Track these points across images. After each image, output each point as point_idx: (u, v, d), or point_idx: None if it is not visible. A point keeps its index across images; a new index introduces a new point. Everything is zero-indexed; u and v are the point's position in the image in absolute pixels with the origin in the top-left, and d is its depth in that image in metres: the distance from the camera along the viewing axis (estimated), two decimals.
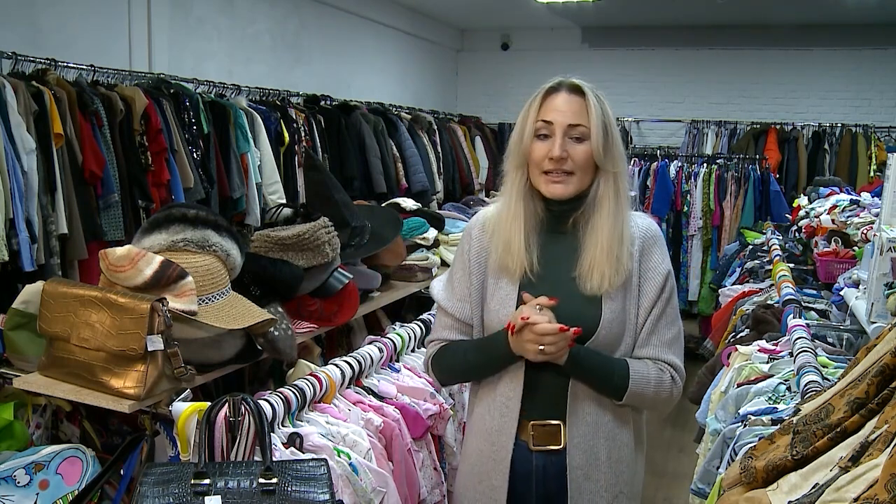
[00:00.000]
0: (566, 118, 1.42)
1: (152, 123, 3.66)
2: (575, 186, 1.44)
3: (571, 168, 1.42)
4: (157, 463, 1.60)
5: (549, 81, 1.47)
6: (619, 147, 1.46)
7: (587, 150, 1.42)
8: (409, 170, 5.94)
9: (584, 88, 1.43)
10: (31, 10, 3.82)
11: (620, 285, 1.45)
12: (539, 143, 1.44)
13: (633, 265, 1.47)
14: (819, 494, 0.88)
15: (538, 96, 1.46)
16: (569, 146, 1.42)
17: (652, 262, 1.48)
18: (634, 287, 1.47)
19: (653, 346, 1.48)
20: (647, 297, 1.47)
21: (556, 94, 1.44)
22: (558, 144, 1.41)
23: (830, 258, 3.00)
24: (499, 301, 1.50)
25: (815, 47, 7.76)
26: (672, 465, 3.90)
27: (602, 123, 1.42)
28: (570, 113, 1.42)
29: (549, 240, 1.50)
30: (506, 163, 1.51)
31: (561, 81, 1.45)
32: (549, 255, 1.49)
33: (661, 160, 6.11)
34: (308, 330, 2.16)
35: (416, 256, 2.86)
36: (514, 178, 1.50)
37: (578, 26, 8.48)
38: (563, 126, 1.42)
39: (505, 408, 1.50)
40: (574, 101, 1.42)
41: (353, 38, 6.84)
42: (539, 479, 1.49)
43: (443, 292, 1.62)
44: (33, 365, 1.80)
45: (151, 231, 1.77)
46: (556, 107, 1.43)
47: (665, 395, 1.48)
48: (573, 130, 1.42)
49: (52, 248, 3.18)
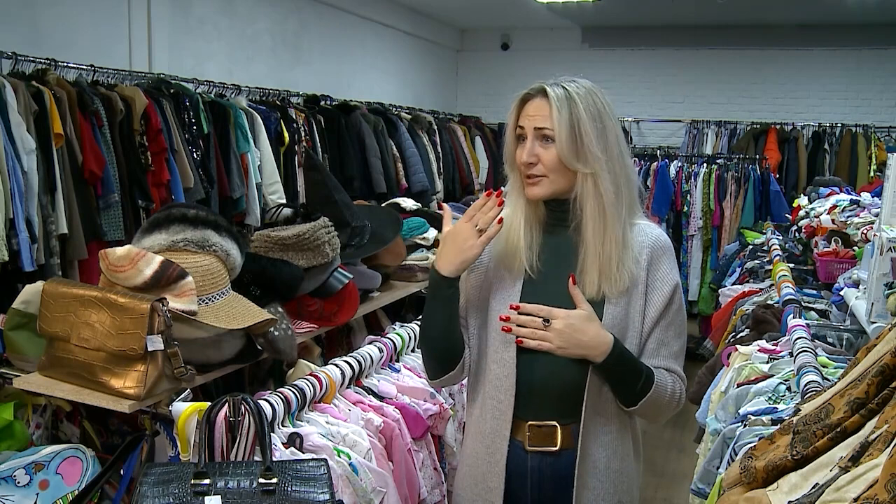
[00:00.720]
0: (533, 122, 1.44)
1: (152, 123, 3.66)
2: (549, 188, 1.46)
3: (543, 171, 1.44)
4: (157, 463, 1.60)
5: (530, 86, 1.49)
6: (595, 148, 1.42)
7: (555, 153, 1.43)
8: (409, 170, 5.94)
9: (548, 91, 1.43)
10: (31, 10, 3.82)
11: (622, 292, 1.45)
12: (519, 148, 1.48)
13: (640, 273, 1.47)
14: (819, 494, 0.88)
15: (516, 103, 1.49)
16: (538, 150, 1.44)
17: (661, 272, 1.49)
18: (641, 295, 1.47)
19: (663, 357, 1.48)
20: (654, 306, 1.47)
21: (531, 99, 1.47)
22: (527, 149, 1.44)
23: (830, 258, 3.00)
24: (500, 301, 1.50)
25: (815, 47, 7.76)
26: (672, 465, 3.90)
27: (569, 125, 1.41)
28: (539, 116, 1.43)
29: (551, 239, 1.51)
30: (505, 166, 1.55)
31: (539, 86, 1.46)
32: (551, 255, 1.50)
33: (661, 160, 6.11)
34: (308, 330, 2.16)
35: (416, 256, 2.86)
36: (511, 179, 1.53)
37: (578, 26, 8.48)
38: (531, 130, 1.44)
39: (497, 410, 1.49)
40: (542, 105, 1.44)
41: (353, 38, 6.84)
42: (534, 481, 1.49)
43: None
44: (33, 365, 1.80)
45: (151, 231, 1.77)
46: (528, 111, 1.46)
47: (673, 406, 1.49)
48: (540, 132, 1.44)
49: (52, 248, 3.18)
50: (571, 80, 1.46)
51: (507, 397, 1.48)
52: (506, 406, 1.48)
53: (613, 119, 1.46)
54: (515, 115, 1.48)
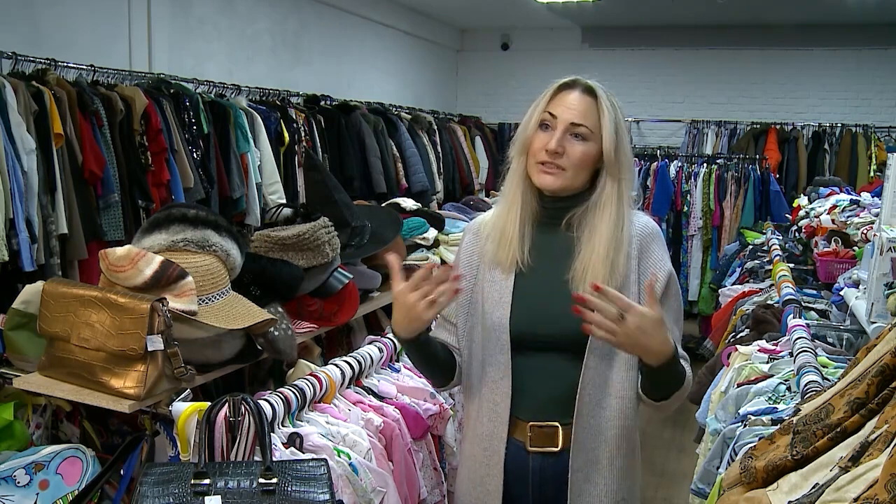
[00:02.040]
0: (572, 115, 1.42)
1: (152, 123, 3.66)
2: (565, 181, 1.44)
3: (565, 164, 1.43)
4: (157, 463, 1.60)
5: (564, 77, 1.48)
6: (629, 155, 1.47)
7: (586, 150, 1.42)
8: (409, 170, 5.94)
9: (597, 91, 1.44)
10: (31, 10, 3.82)
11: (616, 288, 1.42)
12: (541, 134, 1.45)
13: (632, 264, 1.46)
14: (819, 494, 0.88)
15: (552, 89, 1.47)
16: (567, 142, 1.42)
17: (651, 259, 1.47)
18: (633, 285, 1.46)
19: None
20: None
21: (569, 90, 1.45)
22: (556, 138, 1.42)
23: (830, 258, 3.00)
24: (492, 304, 1.49)
25: (815, 47, 7.76)
26: (672, 465, 3.90)
27: (614, 128, 1.43)
28: (578, 111, 1.42)
29: (542, 235, 1.50)
30: (511, 149, 1.52)
31: (577, 80, 1.46)
32: (542, 251, 1.49)
33: (661, 160, 6.11)
34: (308, 330, 2.16)
35: (416, 256, 2.86)
36: (515, 164, 1.51)
37: (578, 26, 8.48)
38: (566, 122, 1.42)
39: (493, 413, 1.49)
40: (585, 101, 1.43)
41: (353, 38, 6.84)
42: (536, 481, 1.48)
43: None
44: (33, 365, 1.80)
45: (151, 231, 1.77)
46: (566, 102, 1.44)
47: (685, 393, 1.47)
48: (576, 128, 1.42)
49: (52, 248, 3.18)
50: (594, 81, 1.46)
51: (503, 399, 1.47)
52: (502, 409, 1.48)
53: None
54: (547, 100, 1.46)
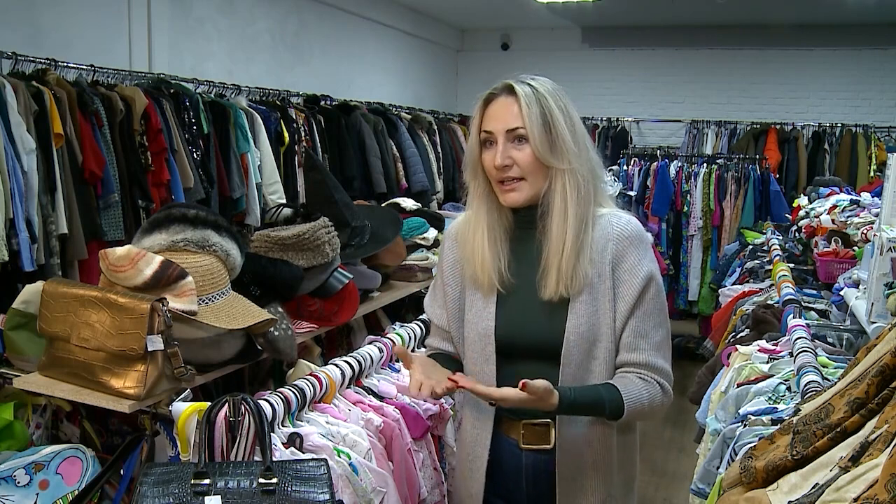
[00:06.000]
0: (503, 123, 1.38)
1: (152, 123, 3.66)
2: (529, 192, 1.40)
3: (520, 173, 1.39)
4: (157, 463, 1.60)
5: (489, 87, 1.43)
6: (569, 142, 1.38)
7: (530, 152, 1.37)
8: (409, 170, 5.94)
9: (516, 87, 1.38)
10: (31, 10, 3.82)
11: (586, 290, 1.39)
12: (486, 153, 1.41)
13: (606, 269, 1.41)
14: (819, 494, 0.88)
15: (479, 105, 1.42)
16: (512, 151, 1.38)
17: (627, 264, 1.41)
18: (608, 290, 1.40)
19: (642, 352, 1.41)
20: (625, 301, 1.41)
21: (494, 100, 1.41)
22: (499, 152, 1.38)
23: (830, 258, 3.00)
24: (475, 314, 1.48)
25: (815, 47, 7.76)
26: (672, 465, 3.90)
27: (541, 121, 1.36)
28: (508, 117, 1.38)
29: (519, 245, 1.47)
30: (465, 173, 1.48)
31: (497, 85, 1.41)
32: (522, 261, 1.46)
33: (661, 160, 6.10)
34: (308, 330, 2.16)
35: (416, 256, 2.86)
36: (473, 187, 1.47)
37: (578, 26, 8.48)
38: (501, 132, 1.38)
39: (477, 420, 1.52)
40: (510, 104, 1.38)
41: (353, 38, 6.84)
42: (529, 479, 1.49)
43: (428, 299, 1.64)
44: (33, 365, 1.80)
45: (151, 231, 1.77)
46: (494, 114, 1.40)
47: (657, 408, 1.44)
48: (512, 134, 1.38)
49: (52, 248, 3.18)
50: (532, 77, 1.41)
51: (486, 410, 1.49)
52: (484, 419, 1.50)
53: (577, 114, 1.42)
54: (479, 118, 1.41)
